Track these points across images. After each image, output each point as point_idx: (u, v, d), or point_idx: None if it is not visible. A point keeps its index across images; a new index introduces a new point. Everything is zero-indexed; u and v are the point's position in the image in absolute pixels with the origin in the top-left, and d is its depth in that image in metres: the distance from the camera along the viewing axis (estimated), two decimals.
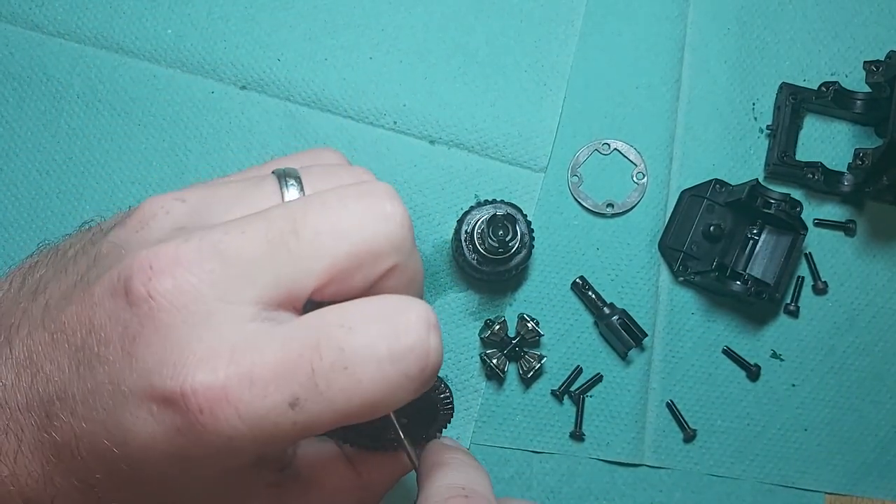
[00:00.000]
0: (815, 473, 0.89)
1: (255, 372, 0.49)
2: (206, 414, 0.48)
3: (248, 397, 0.49)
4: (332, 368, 0.49)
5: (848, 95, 0.89)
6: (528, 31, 0.91)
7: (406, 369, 0.50)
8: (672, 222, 0.89)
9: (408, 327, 0.51)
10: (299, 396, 0.49)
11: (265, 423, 0.49)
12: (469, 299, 0.88)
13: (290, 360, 0.50)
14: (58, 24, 0.89)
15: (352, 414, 0.50)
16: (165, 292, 0.50)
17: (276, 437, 0.50)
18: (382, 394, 0.50)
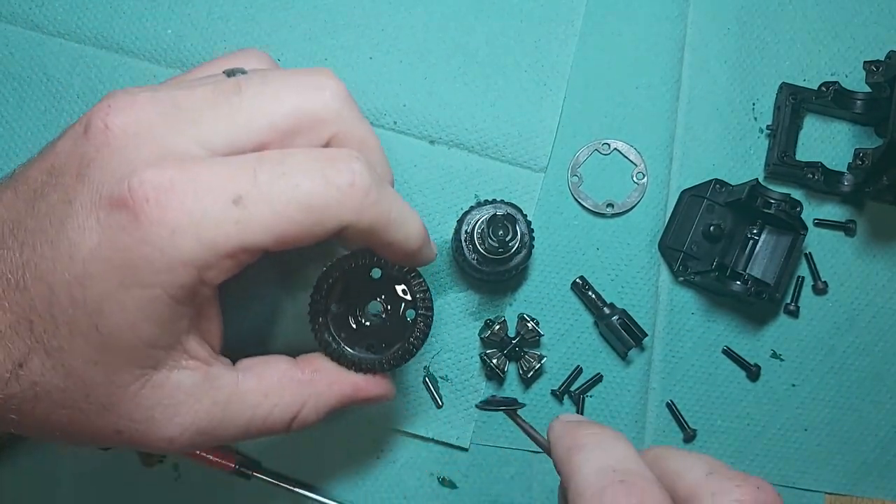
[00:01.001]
0: (815, 473, 0.89)
1: (201, 173, 0.58)
2: (152, 203, 0.56)
3: (193, 189, 0.57)
4: (271, 173, 0.59)
5: (848, 95, 0.89)
6: (528, 31, 0.91)
7: (337, 179, 0.60)
8: (672, 222, 0.89)
9: (340, 153, 0.62)
10: (242, 194, 0.58)
11: (209, 218, 0.57)
12: (469, 299, 0.88)
13: (233, 167, 0.59)
14: (58, 24, 0.89)
15: (291, 218, 0.59)
16: (121, 123, 0.59)
17: (218, 237, 0.58)
18: (317, 199, 0.59)
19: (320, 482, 0.86)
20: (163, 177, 0.57)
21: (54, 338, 0.59)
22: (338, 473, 0.86)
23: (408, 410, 0.87)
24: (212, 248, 0.58)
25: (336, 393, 0.72)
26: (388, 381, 0.75)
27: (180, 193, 0.57)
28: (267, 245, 0.59)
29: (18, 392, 0.60)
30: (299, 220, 0.59)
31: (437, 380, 0.88)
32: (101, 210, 0.57)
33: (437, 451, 0.87)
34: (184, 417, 0.64)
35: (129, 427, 0.63)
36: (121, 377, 0.61)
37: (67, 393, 0.60)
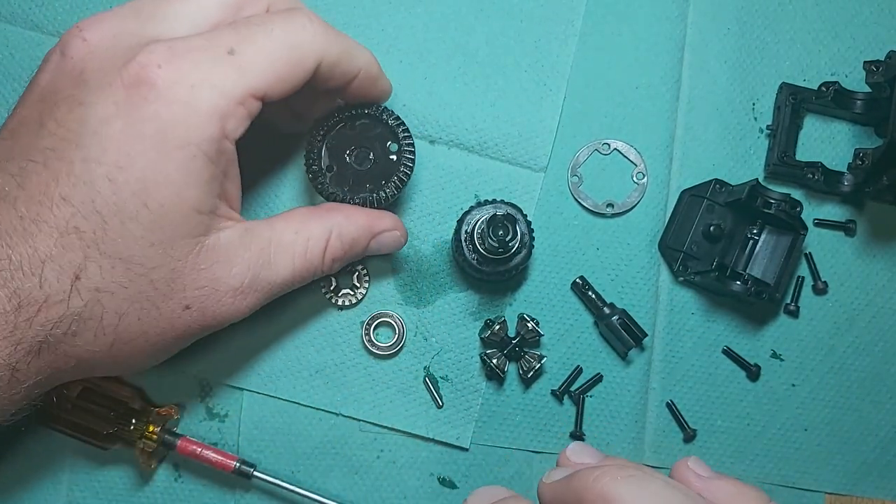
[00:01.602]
0: (815, 473, 0.89)
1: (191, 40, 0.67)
2: (165, 67, 0.65)
3: (192, 50, 0.66)
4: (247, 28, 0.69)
5: (848, 95, 0.89)
6: (527, 31, 0.91)
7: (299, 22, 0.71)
8: (672, 222, 0.89)
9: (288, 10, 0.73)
10: (233, 46, 0.68)
11: (216, 69, 0.66)
12: (469, 299, 0.88)
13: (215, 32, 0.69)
14: (58, 24, 0.89)
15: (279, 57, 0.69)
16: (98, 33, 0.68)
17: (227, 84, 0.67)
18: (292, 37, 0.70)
19: (320, 482, 0.86)
20: (163, 47, 0.66)
21: (106, 234, 0.64)
22: (338, 473, 0.86)
23: (408, 410, 0.87)
24: (226, 95, 0.67)
25: (354, 223, 0.79)
26: (395, 218, 0.83)
27: (184, 55, 0.66)
28: (267, 86, 0.69)
29: (82, 307, 0.64)
30: (285, 58, 0.70)
31: (437, 380, 0.87)
32: (116, 94, 0.64)
33: (437, 451, 0.87)
34: (240, 266, 0.72)
35: (197, 297, 0.70)
36: (177, 250, 0.67)
37: (132, 286, 0.66)
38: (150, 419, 0.83)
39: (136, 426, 0.83)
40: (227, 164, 0.70)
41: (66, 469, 0.87)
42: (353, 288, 0.87)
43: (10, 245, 0.61)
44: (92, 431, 0.83)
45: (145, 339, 0.69)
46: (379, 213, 0.81)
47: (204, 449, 0.83)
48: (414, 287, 0.88)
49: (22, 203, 0.63)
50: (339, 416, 0.87)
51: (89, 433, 0.83)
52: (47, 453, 0.86)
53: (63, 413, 0.82)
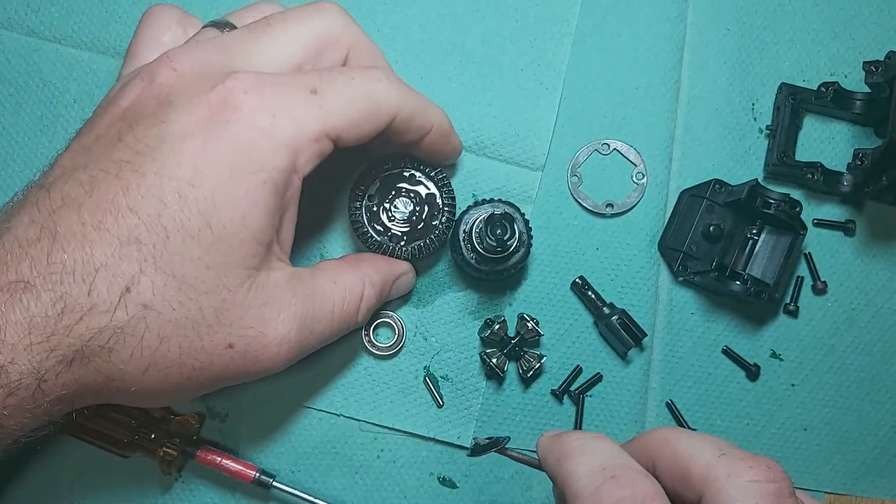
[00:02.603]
0: (815, 473, 0.89)
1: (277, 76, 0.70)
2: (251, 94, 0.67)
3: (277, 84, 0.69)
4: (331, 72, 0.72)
5: (847, 96, 0.89)
6: (523, 31, 0.91)
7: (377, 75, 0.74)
8: (672, 222, 0.89)
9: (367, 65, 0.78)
10: (316, 86, 0.70)
11: (297, 104, 0.69)
12: (468, 298, 0.88)
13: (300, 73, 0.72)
14: (54, 30, 0.89)
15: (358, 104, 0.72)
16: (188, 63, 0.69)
17: (306, 120, 0.69)
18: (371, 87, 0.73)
19: (320, 482, 0.86)
20: (251, 76, 0.68)
21: (165, 249, 0.64)
22: (338, 473, 0.87)
23: (408, 410, 0.87)
24: (304, 130, 0.69)
25: (379, 272, 0.82)
26: (406, 263, 0.86)
27: (270, 85, 0.68)
28: (342, 130, 0.71)
29: (126, 321, 0.63)
30: (363, 106, 0.72)
31: (437, 379, 0.88)
32: (200, 114, 0.66)
33: (437, 451, 0.88)
34: (287, 312, 0.71)
35: (242, 336, 0.69)
36: (231, 279, 0.67)
37: (180, 309, 0.65)
38: (170, 428, 0.84)
39: (156, 435, 0.83)
40: (290, 200, 0.71)
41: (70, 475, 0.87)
42: None
43: (66, 249, 0.61)
44: (112, 439, 0.83)
45: (181, 370, 0.67)
46: (392, 260, 0.85)
47: (224, 458, 0.84)
48: (413, 287, 0.88)
49: (87, 210, 0.63)
50: (340, 416, 0.87)
51: (110, 441, 0.83)
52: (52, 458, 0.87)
53: (84, 420, 0.83)
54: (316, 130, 0.69)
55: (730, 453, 0.58)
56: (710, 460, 0.58)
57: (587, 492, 0.58)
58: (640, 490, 0.57)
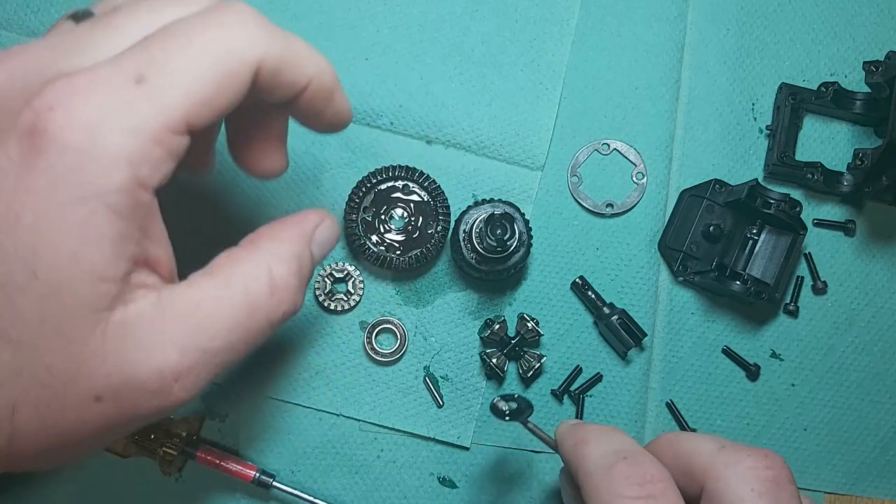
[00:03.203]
0: (815, 473, 0.89)
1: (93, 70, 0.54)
2: (57, 109, 0.52)
3: (92, 84, 0.53)
4: (162, 42, 0.55)
5: (847, 96, 0.89)
6: (523, 31, 0.91)
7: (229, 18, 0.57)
8: (672, 222, 0.89)
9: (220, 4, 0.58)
10: (141, 71, 0.54)
11: (119, 104, 0.53)
12: (468, 298, 0.88)
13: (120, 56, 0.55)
14: None
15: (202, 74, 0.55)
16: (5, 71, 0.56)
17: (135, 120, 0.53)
18: (218, 44, 0.55)
19: (320, 482, 0.86)
20: (59, 85, 0.53)
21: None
22: (338, 473, 0.87)
23: (408, 410, 0.87)
24: (136, 134, 0.53)
25: (287, 240, 0.66)
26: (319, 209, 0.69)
27: (82, 91, 0.53)
28: (188, 117, 0.55)
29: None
30: (212, 75, 0.56)
31: (437, 379, 0.88)
32: (11, 148, 0.53)
33: (437, 451, 0.87)
34: (161, 344, 0.57)
35: (108, 385, 0.55)
36: (75, 329, 0.54)
37: (24, 373, 0.54)
38: (170, 428, 0.84)
39: (156, 435, 0.83)
40: (147, 219, 0.56)
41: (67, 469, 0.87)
42: (347, 294, 0.87)
43: None
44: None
45: (49, 433, 0.56)
46: (299, 214, 0.68)
47: (224, 458, 0.83)
48: (413, 287, 0.88)
49: None
50: (340, 416, 0.87)
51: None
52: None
53: None
54: (152, 130, 0.54)
55: (729, 446, 0.61)
56: (711, 453, 0.61)
57: (600, 470, 0.61)
58: (649, 470, 0.60)
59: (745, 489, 0.58)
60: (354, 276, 0.87)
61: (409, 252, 0.86)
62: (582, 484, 0.63)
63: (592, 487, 0.61)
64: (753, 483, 0.58)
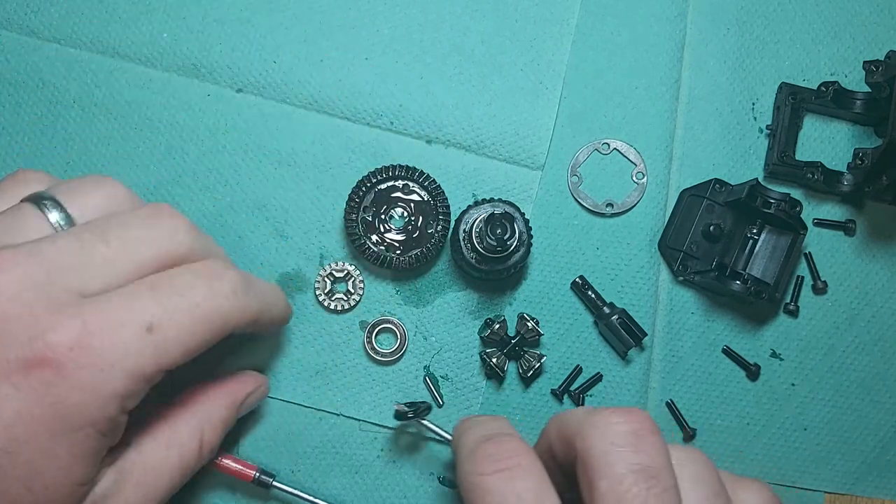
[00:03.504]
0: (815, 473, 0.89)
1: (107, 311, 0.60)
2: (76, 350, 0.58)
3: (108, 326, 0.60)
4: (170, 296, 0.63)
5: (847, 95, 0.89)
6: (523, 30, 0.91)
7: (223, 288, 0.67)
8: (672, 222, 0.89)
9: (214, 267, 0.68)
10: (152, 321, 0.62)
11: (130, 351, 0.60)
12: (468, 298, 0.88)
13: (133, 299, 0.62)
14: (53, 30, 0.89)
15: (198, 332, 0.64)
16: (2, 287, 0.58)
17: (142, 365, 0.61)
18: (214, 311, 0.66)
19: (320, 481, 0.86)
20: (76, 324, 0.59)
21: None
22: (338, 473, 0.87)
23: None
24: (137, 377, 0.61)
25: (220, 407, 0.77)
26: (257, 376, 0.82)
27: (99, 334, 0.59)
28: (179, 362, 0.64)
29: None
30: (204, 333, 0.65)
31: (437, 379, 0.88)
32: (16, 375, 0.58)
33: (437, 451, 0.87)
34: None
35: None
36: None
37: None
38: None
39: None
40: (119, 430, 0.64)
41: None
42: (347, 294, 0.87)
43: None
44: None
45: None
46: (238, 378, 0.81)
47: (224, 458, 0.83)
48: (413, 287, 0.88)
49: None
50: (340, 416, 0.87)
51: None
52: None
53: None
54: (149, 373, 0.62)
55: (597, 409, 0.64)
56: (580, 418, 0.64)
57: (467, 454, 0.65)
58: (509, 447, 0.64)
59: (606, 443, 0.60)
60: (354, 276, 0.87)
61: (409, 252, 0.86)
62: (457, 472, 0.68)
63: (461, 472, 0.66)
64: (613, 437, 0.60)
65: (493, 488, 0.61)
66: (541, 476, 0.62)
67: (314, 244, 0.88)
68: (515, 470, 0.62)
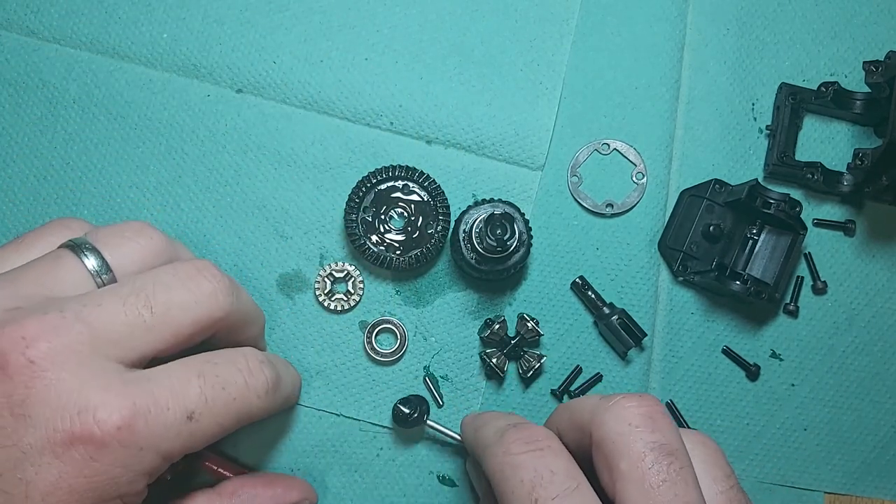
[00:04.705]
0: (815, 473, 0.89)
1: (155, 393, 0.62)
2: (123, 429, 0.59)
3: (155, 409, 0.61)
4: (214, 387, 0.65)
5: (847, 95, 0.89)
6: (523, 31, 0.91)
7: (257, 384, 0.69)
8: (672, 222, 0.89)
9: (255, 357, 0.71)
10: (194, 410, 0.63)
11: (170, 435, 0.62)
12: (468, 298, 0.88)
13: (181, 383, 0.64)
14: (53, 30, 0.89)
15: (226, 422, 0.66)
16: (45, 355, 0.59)
17: (175, 449, 0.63)
18: (244, 400, 0.68)
19: (319, 480, 0.86)
20: (127, 405, 0.60)
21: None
22: (337, 472, 0.87)
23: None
24: (168, 458, 0.63)
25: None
26: (306, 486, 0.81)
27: (144, 417, 0.61)
28: (202, 447, 0.66)
29: None
30: (231, 425, 0.67)
31: (437, 379, 0.88)
32: (59, 446, 0.58)
33: (436, 450, 0.87)
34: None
35: None
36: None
37: None
38: None
39: None
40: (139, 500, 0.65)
41: None
42: (347, 294, 0.87)
43: None
44: None
45: None
46: (287, 483, 0.79)
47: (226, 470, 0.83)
48: (413, 287, 0.88)
49: None
50: (339, 416, 0.87)
51: None
52: None
53: None
54: (178, 455, 0.64)
55: (608, 396, 0.65)
56: (593, 405, 0.65)
57: (494, 440, 0.66)
58: (536, 432, 0.65)
59: (623, 425, 0.62)
60: (354, 276, 0.87)
61: (409, 252, 0.86)
62: (482, 459, 0.68)
63: (489, 455, 0.66)
64: (629, 419, 0.62)
65: (525, 464, 0.62)
66: (570, 458, 0.64)
67: (314, 244, 0.88)
68: (546, 451, 0.63)
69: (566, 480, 0.61)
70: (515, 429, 0.66)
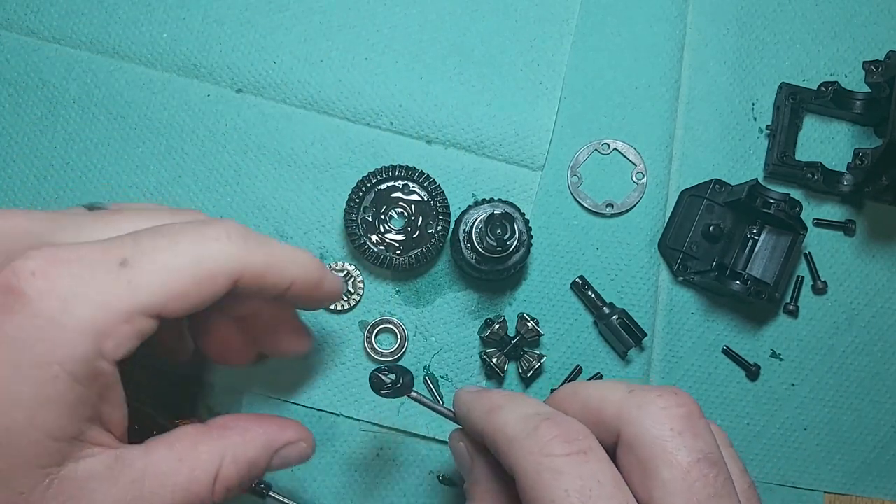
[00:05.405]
0: (815, 473, 0.89)
1: (82, 246, 0.59)
2: (39, 275, 0.56)
3: (79, 257, 0.58)
4: (151, 237, 0.61)
5: (847, 95, 0.89)
6: (523, 31, 0.91)
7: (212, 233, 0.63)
8: (672, 222, 0.89)
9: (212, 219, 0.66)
10: (127, 257, 0.59)
11: (98, 280, 0.58)
12: (468, 298, 0.88)
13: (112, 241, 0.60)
14: (53, 30, 0.89)
15: (181, 272, 0.60)
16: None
17: (110, 298, 0.58)
18: (200, 251, 0.62)
19: (319, 480, 0.86)
20: (45, 254, 0.57)
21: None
22: (337, 471, 0.87)
23: (408, 410, 0.87)
24: (108, 311, 0.58)
25: (251, 443, 0.69)
26: (300, 426, 0.74)
27: (66, 262, 0.58)
28: (162, 305, 0.60)
29: None
30: (190, 274, 0.61)
31: (437, 379, 0.88)
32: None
33: (436, 450, 0.87)
34: (109, 502, 0.60)
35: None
36: (21, 482, 0.57)
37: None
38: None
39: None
40: (105, 387, 0.60)
41: None
42: (347, 294, 0.87)
43: None
44: None
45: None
46: (281, 422, 0.73)
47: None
48: (413, 287, 0.88)
49: None
50: (340, 416, 0.87)
51: None
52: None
53: None
54: (124, 310, 0.58)
55: (637, 389, 0.62)
56: (621, 398, 0.61)
57: (525, 433, 0.60)
58: (575, 428, 0.60)
59: (664, 429, 0.59)
60: (354, 276, 0.87)
61: (409, 252, 0.86)
62: (504, 449, 0.62)
63: (519, 450, 0.60)
64: (669, 422, 0.59)
65: (569, 470, 0.57)
66: (611, 462, 0.59)
67: (314, 244, 0.88)
68: (590, 454, 0.59)
69: (615, 493, 0.57)
70: (552, 423, 0.60)
